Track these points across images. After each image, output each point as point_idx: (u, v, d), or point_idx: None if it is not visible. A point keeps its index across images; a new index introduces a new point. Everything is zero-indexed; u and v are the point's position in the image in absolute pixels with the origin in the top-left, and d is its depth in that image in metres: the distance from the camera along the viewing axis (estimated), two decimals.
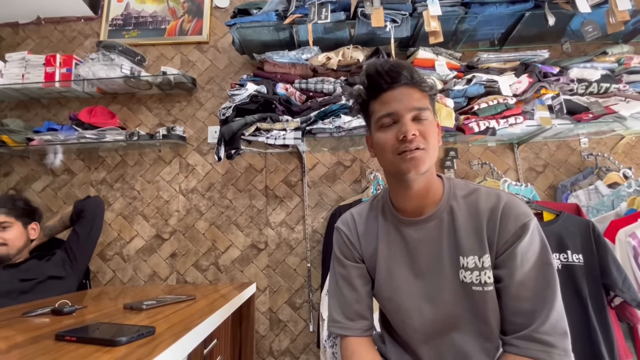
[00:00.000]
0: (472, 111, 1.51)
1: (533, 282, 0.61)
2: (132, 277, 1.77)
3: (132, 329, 0.59)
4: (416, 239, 0.71)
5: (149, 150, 1.90)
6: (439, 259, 0.68)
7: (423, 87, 0.66)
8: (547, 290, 0.60)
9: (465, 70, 1.63)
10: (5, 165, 1.90)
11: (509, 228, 0.63)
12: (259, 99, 1.51)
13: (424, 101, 0.65)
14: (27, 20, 2.09)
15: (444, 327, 0.68)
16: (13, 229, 1.18)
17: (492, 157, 1.83)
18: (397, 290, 0.72)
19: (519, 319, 0.61)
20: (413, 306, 0.70)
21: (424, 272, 0.70)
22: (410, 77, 0.65)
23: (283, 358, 1.67)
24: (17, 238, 1.18)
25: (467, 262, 0.65)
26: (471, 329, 0.67)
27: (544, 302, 0.60)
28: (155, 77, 1.80)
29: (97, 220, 1.35)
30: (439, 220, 0.69)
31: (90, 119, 1.75)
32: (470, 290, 0.65)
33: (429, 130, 0.64)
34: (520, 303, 0.61)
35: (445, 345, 0.69)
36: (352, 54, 1.64)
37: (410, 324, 0.71)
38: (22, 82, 1.79)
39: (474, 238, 0.65)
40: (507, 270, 0.63)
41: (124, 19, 2.07)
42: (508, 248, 0.63)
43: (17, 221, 1.20)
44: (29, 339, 0.61)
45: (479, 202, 0.67)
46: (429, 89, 0.67)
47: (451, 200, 0.69)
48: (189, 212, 1.83)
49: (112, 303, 0.95)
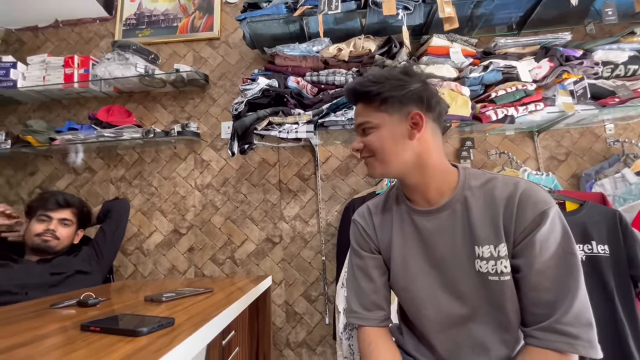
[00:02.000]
0: (489, 99, 1.47)
1: (553, 271, 0.59)
2: (152, 271, 1.83)
3: (152, 320, 0.61)
4: (429, 230, 0.70)
5: (165, 147, 1.94)
6: (454, 249, 0.67)
7: (371, 99, 0.69)
8: (569, 280, 0.58)
9: (481, 57, 1.58)
10: (31, 165, 1.98)
11: (526, 216, 0.61)
12: (270, 93, 1.51)
13: (369, 115, 0.70)
14: (46, 24, 2.15)
15: (460, 318, 0.67)
16: (70, 228, 1.28)
17: (510, 146, 1.77)
18: (412, 280, 0.72)
19: (539, 309, 0.60)
20: (428, 296, 0.70)
21: (439, 263, 0.69)
22: (360, 93, 0.70)
23: (300, 350, 1.69)
24: (68, 237, 1.27)
25: (483, 252, 0.64)
26: (489, 320, 0.66)
27: (566, 291, 0.58)
28: (169, 74, 1.83)
29: (123, 221, 1.42)
30: (452, 210, 0.68)
31: (108, 117, 1.80)
32: (487, 280, 0.64)
33: (372, 140, 0.69)
34: (540, 293, 0.60)
35: (462, 336, 0.68)
36: (364, 44, 1.61)
37: (426, 314, 0.71)
38: (43, 84, 1.85)
39: (490, 227, 0.64)
40: (526, 260, 0.61)
41: (137, 18, 2.10)
42: (526, 236, 0.61)
43: (75, 224, 1.30)
44: (56, 329, 0.63)
45: (495, 190, 0.65)
46: (376, 97, 0.68)
47: (465, 191, 0.68)
48: (204, 207, 1.86)
49: (134, 295, 0.98)
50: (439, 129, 0.72)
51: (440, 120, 0.72)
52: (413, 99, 0.67)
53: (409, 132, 0.68)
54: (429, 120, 0.69)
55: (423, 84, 0.69)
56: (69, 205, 1.29)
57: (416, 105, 0.67)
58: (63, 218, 1.26)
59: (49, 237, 1.20)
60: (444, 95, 1.35)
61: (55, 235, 1.22)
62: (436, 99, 0.70)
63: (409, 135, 0.68)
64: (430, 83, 0.71)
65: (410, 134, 0.68)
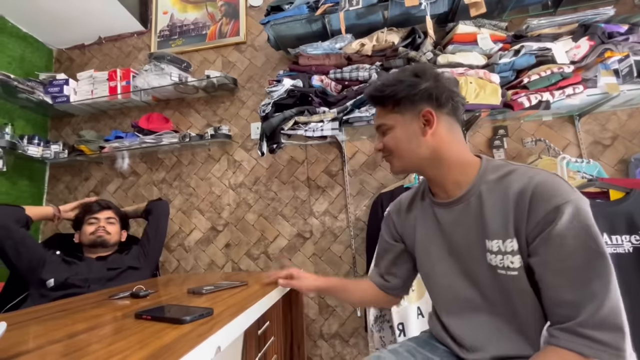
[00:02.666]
0: (521, 85, 1.40)
1: (573, 272, 0.56)
2: (193, 266, 1.96)
3: (195, 310, 0.67)
4: (447, 221, 0.73)
5: (200, 149, 2.06)
6: (468, 241, 0.69)
7: (384, 103, 0.74)
8: (594, 281, 0.55)
9: (512, 41, 1.50)
10: (85, 171, 2.19)
11: (539, 212, 0.59)
12: (295, 93, 1.55)
13: (384, 117, 0.75)
14: (91, 41, 2.35)
15: (477, 305, 0.70)
16: (116, 226, 1.44)
17: (548, 132, 1.67)
18: (432, 267, 0.77)
19: (561, 310, 0.57)
20: (447, 283, 0.74)
21: (456, 252, 0.72)
22: (375, 97, 0.76)
23: (333, 341, 1.74)
24: (116, 234, 1.43)
25: (492, 246, 0.64)
26: (503, 312, 0.66)
27: (590, 294, 0.54)
28: (200, 81, 1.93)
29: (161, 223, 1.55)
30: (467, 203, 0.70)
31: (148, 125, 1.95)
32: (497, 273, 0.65)
33: (388, 140, 0.75)
34: (559, 293, 0.57)
35: (480, 324, 0.69)
36: (387, 37, 1.60)
37: (446, 299, 0.76)
38: (91, 97, 2.03)
39: (500, 222, 0.64)
40: (540, 258, 0.59)
41: (170, 29, 2.23)
42: (540, 233, 0.59)
43: (118, 222, 1.46)
44: (114, 317, 0.73)
45: (510, 184, 0.64)
46: (389, 100, 0.73)
47: (482, 184, 0.69)
48: (238, 205, 1.96)
49: (178, 288, 1.07)
50: (457, 122, 0.74)
51: (457, 113, 0.73)
52: (423, 97, 0.70)
53: (422, 130, 0.71)
54: (441, 115, 0.71)
55: (433, 81, 0.71)
56: (109, 207, 1.46)
57: (427, 103, 0.70)
58: (108, 217, 1.42)
59: (102, 233, 1.36)
60: (471, 84, 1.32)
61: (106, 230, 1.38)
62: (448, 94, 0.71)
63: (422, 133, 0.71)
64: (441, 80, 0.72)
65: (423, 131, 0.71)
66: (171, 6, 2.25)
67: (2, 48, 2.03)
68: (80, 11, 2.05)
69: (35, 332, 0.65)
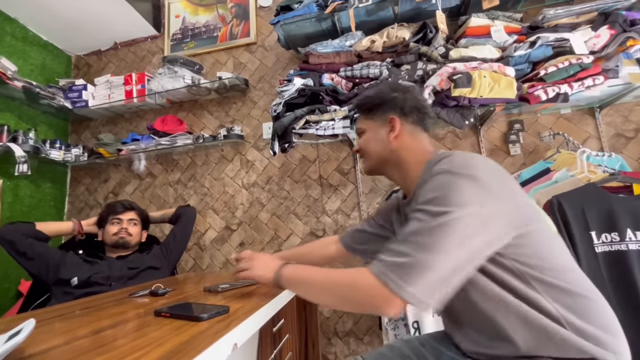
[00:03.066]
0: (537, 77, 1.36)
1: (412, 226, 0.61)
2: (209, 264, 2.00)
3: (211, 308, 0.69)
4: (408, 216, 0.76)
5: (213, 150, 2.09)
6: None
7: (362, 110, 0.88)
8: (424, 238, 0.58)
9: (527, 32, 1.46)
10: (104, 173, 2.26)
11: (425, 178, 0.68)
12: (306, 92, 1.55)
13: (361, 122, 0.89)
14: (107, 47, 2.42)
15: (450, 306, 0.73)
16: (138, 227, 1.48)
17: (567, 125, 1.62)
18: None
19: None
20: None
21: None
22: (358, 106, 0.90)
23: (347, 339, 1.74)
24: (138, 234, 1.47)
25: None
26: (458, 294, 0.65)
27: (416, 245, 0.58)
28: (213, 82, 1.96)
29: (189, 226, 1.60)
30: (414, 197, 0.73)
31: (163, 127, 1.99)
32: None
33: (361, 142, 0.88)
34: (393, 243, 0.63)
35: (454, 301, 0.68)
36: (397, 33, 1.58)
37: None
38: (108, 101, 2.09)
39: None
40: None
41: (182, 32, 2.27)
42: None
43: (140, 223, 1.50)
44: (135, 314, 0.75)
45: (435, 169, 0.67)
46: (364, 108, 0.87)
47: (423, 178, 0.71)
48: (252, 205, 1.98)
49: (194, 287, 1.09)
50: (422, 130, 0.83)
51: (424, 123, 0.83)
52: (391, 107, 0.82)
53: (387, 134, 0.82)
54: (405, 123, 0.81)
55: (402, 94, 0.82)
56: (132, 208, 1.50)
57: (394, 112, 0.82)
58: (131, 218, 1.47)
59: (124, 234, 1.41)
60: (484, 78, 1.29)
61: (128, 232, 1.42)
62: (413, 104, 0.81)
63: (388, 136, 0.81)
64: (410, 93, 0.84)
65: (388, 135, 0.81)
66: (183, 10, 2.29)
67: (25, 56, 2.11)
68: (96, 18, 2.11)
69: (62, 329, 0.68)
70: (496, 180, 0.63)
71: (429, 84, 1.39)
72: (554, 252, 0.63)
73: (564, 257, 0.65)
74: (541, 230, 0.64)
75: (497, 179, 0.63)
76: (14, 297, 1.88)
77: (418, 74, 1.45)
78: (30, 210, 2.02)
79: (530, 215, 0.64)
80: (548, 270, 0.60)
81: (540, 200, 1.26)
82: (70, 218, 2.24)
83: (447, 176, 0.62)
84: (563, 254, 0.65)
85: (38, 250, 1.26)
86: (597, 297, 0.63)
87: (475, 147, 1.72)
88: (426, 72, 1.43)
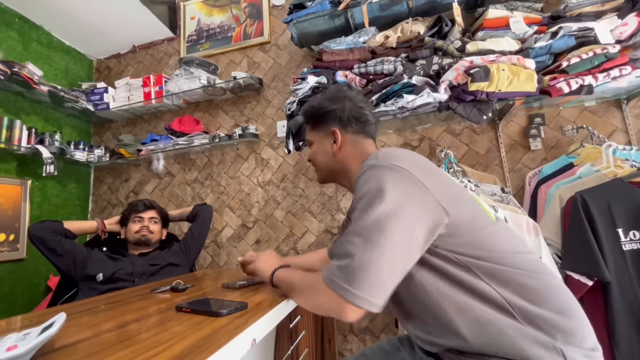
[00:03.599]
0: (559, 69, 1.31)
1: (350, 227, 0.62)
2: (226, 261, 2.04)
3: (230, 304, 0.70)
4: None
5: (229, 149, 2.12)
6: None
7: (307, 121, 0.92)
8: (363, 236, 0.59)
9: (549, 23, 1.41)
10: (125, 173, 2.33)
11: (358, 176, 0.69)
12: (320, 90, 1.55)
13: (308, 133, 0.92)
14: (126, 50, 2.49)
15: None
16: (158, 225, 1.54)
17: (591, 118, 1.56)
18: None
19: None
20: None
21: None
22: (303, 117, 0.93)
23: (363, 336, 1.74)
24: (158, 232, 1.53)
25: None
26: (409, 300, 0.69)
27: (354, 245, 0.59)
28: (228, 82, 1.99)
29: (206, 224, 1.65)
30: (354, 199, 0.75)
31: (180, 127, 2.03)
32: None
33: (310, 153, 0.92)
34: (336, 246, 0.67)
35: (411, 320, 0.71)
36: (412, 27, 1.56)
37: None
38: (128, 103, 2.15)
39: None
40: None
41: (197, 33, 2.31)
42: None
43: (160, 221, 1.55)
44: (157, 309, 0.78)
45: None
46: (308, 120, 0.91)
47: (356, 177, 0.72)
48: (267, 203, 2.01)
49: (213, 283, 1.12)
50: (365, 137, 0.85)
51: (366, 129, 0.85)
52: (331, 119, 0.85)
53: (331, 145, 0.85)
54: (346, 134, 0.84)
55: (341, 104, 0.84)
56: (153, 207, 1.55)
57: (334, 123, 0.85)
58: (152, 217, 1.52)
59: (146, 232, 1.46)
60: (503, 72, 1.26)
61: (150, 229, 1.48)
62: (352, 114, 0.84)
63: (332, 148, 0.85)
64: (350, 101, 0.85)
65: (332, 147, 0.85)
66: (198, 11, 2.33)
67: (50, 61, 2.20)
68: (116, 22, 2.17)
69: (89, 323, 0.71)
70: (421, 170, 0.64)
71: (445, 78, 1.37)
72: (495, 240, 0.63)
73: (507, 243, 0.64)
74: (477, 219, 0.64)
75: (422, 169, 0.65)
76: (44, 292, 1.98)
77: (433, 69, 1.42)
78: (57, 209, 2.11)
79: (462, 204, 0.64)
80: (489, 257, 0.60)
81: (562, 196, 1.22)
82: (93, 217, 2.32)
83: (372, 170, 0.65)
84: (507, 239, 0.65)
85: (66, 247, 1.32)
86: (549, 277, 0.62)
87: (494, 142, 1.68)
88: (442, 67, 1.40)
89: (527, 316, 0.56)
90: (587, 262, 1.06)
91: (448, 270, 0.60)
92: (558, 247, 1.19)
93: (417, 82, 1.40)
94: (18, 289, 1.86)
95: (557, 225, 1.21)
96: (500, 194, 1.33)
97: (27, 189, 1.94)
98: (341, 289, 0.57)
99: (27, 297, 1.89)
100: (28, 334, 0.49)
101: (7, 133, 1.78)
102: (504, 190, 1.35)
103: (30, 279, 1.92)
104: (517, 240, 0.68)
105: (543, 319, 0.55)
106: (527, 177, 1.55)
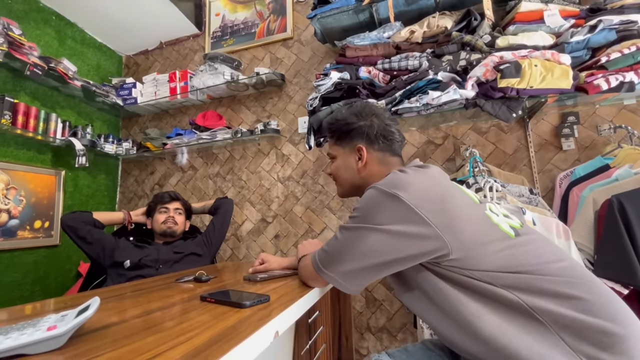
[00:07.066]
0: (598, 65, 1.24)
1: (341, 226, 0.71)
2: (245, 255, 2.07)
3: (253, 296, 0.71)
4: None
5: (250, 144, 2.15)
6: None
7: (331, 136, 0.91)
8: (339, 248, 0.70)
9: (587, 16, 1.33)
10: (151, 166, 2.41)
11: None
12: (342, 86, 1.54)
13: (331, 147, 0.92)
14: (153, 47, 2.56)
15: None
16: (182, 216, 1.59)
17: (630, 118, 1.47)
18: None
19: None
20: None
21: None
22: (327, 130, 0.92)
23: (380, 334, 1.73)
24: (182, 224, 1.58)
25: None
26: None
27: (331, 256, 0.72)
28: (250, 78, 2.01)
29: (227, 217, 1.68)
30: None
31: (204, 122, 2.08)
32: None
33: (332, 168, 0.93)
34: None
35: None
36: (439, 22, 1.51)
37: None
38: (155, 98, 2.22)
39: None
40: None
41: (222, 30, 2.34)
42: None
43: (184, 213, 1.61)
44: (181, 298, 0.80)
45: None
46: (333, 135, 0.91)
47: None
48: (287, 198, 2.02)
49: (233, 275, 1.14)
50: (391, 155, 0.85)
51: (392, 148, 0.85)
52: (358, 135, 0.85)
53: (356, 162, 0.85)
54: (372, 151, 0.84)
55: (369, 121, 0.84)
56: (178, 199, 1.61)
57: (361, 140, 0.84)
58: (177, 208, 1.57)
59: (171, 224, 1.52)
60: (536, 67, 1.20)
61: (175, 221, 1.53)
62: (379, 132, 0.83)
63: (356, 164, 0.85)
64: (378, 118, 0.85)
65: (357, 163, 0.85)
66: (223, 8, 2.36)
67: (83, 57, 2.29)
68: (144, 19, 2.24)
69: (118, 308, 0.74)
70: (427, 202, 0.63)
71: (472, 74, 1.32)
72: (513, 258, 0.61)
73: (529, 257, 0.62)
74: (491, 243, 0.63)
75: (430, 201, 0.64)
76: (75, 277, 2.08)
77: (461, 65, 1.38)
78: (88, 200, 2.22)
79: (473, 230, 0.63)
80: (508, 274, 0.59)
81: (597, 199, 1.16)
82: (121, 207, 2.42)
83: (372, 192, 0.69)
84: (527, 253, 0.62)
85: (96, 236, 1.39)
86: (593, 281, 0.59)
87: (522, 141, 1.61)
88: (470, 63, 1.36)
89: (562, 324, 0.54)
90: (622, 270, 1.01)
91: (468, 283, 0.62)
92: (590, 252, 1.13)
93: (443, 78, 1.36)
94: (52, 273, 1.97)
95: (590, 230, 1.15)
96: (529, 195, 1.28)
97: (61, 179, 2.05)
98: (316, 265, 0.75)
99: (60, 281, 2.00)
100: (66, 315, 0.51)
101: (44, 125, 1.87)
102: (532, 192, 1.29)
103: (63, 265, 2.03)
104: (544, 249, 0.65)
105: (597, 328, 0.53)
106: (558, 179, 1.49)
